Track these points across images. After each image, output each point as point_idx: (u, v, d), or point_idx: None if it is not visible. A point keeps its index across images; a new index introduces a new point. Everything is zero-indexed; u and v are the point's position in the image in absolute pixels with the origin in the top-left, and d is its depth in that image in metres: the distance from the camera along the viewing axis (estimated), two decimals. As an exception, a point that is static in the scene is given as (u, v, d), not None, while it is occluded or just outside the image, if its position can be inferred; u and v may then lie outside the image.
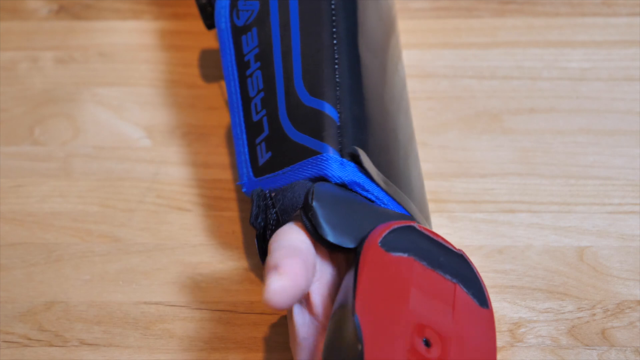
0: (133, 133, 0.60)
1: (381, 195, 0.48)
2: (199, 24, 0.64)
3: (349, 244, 0.45)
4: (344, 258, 0.47)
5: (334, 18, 0.53)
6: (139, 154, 0.59)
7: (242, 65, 0.54)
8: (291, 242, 0.45)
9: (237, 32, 0.55)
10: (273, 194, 0.48)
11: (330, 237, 0.45)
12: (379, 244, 0.44)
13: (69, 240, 0.56)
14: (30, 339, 0.52)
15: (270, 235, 0.48)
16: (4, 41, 0.65)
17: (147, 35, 0.65)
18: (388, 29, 0.58)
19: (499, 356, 0.50)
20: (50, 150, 0.60)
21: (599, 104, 0.60)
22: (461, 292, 0.45)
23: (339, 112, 0.50)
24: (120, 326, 0.52)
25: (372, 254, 0.44)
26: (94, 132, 0.61)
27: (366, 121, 0.51)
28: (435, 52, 0.63)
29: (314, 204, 0.46)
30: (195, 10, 0.64)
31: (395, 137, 0.53)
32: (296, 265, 0.43)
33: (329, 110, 0.50)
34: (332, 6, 0.53)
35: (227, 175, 0.58)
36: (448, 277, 0.46)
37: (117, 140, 0.60)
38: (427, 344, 0.43)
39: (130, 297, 0.53)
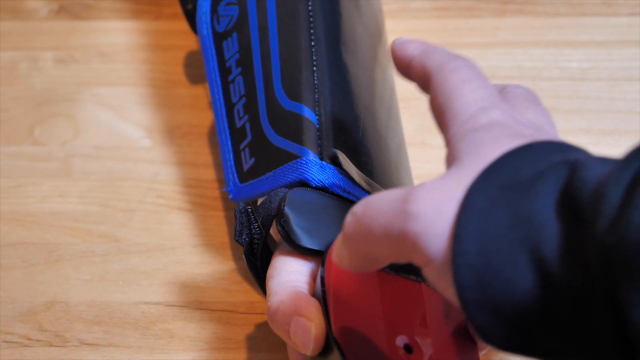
0: (133, 133, 0.60)
1: (363, 195, 0.48)
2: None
3: (322, 248, 0.46)
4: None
5: (311, 19, 0.53)
6: (139, 154, 0.59)
7: (224, 71, 0.54)
8: (288, 282, 0.45)
9: (219, 38, 0.55)
10: (251, 209, 0.48)
11: (303, 242, 0.45)
12: None
13: (69, 240, 0.56)
14: (30, 339, 0.52)
15: (259, 250, 0.48)
16: (4, 41, 0.65)
17: (147, 35, 0.65)
18: (374, 38, 0.57)
19: (497, 355, 0.50)
20: (50, 150, 0.60)
21: (599, 104, 0.60)
22: (427, 289, 0.45)
23: (317, 115, 0.50)
24: (120, 326, 0.52)
25: (335, 274, 0.43)
26: (94, 132, 0.61)
27: (350, 124, 0.51)
28: (436, 52, 0.63)
29: (287, 210, 0.46)
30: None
31: (386, 142, 0.53)
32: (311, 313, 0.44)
33: (307, 113, 0.50)
34: (309, 7, 0.53)
35: (227, 175, 0.58)
36: (412, 277, 0.45)
37: (117, 140, 0.60)
38: (409, 350, 0.43)
39: (130, 297, 0.53)
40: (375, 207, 0.37)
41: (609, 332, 0.30)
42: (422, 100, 0.61)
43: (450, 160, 0.38)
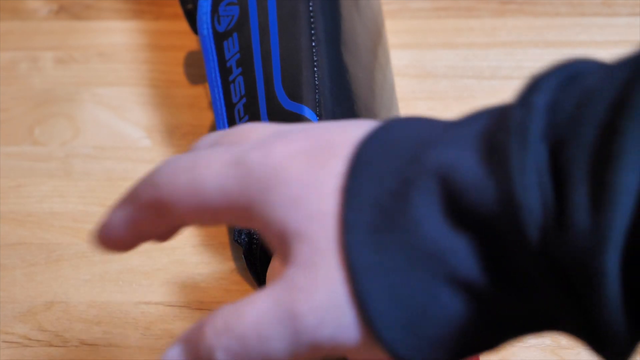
0: (133, 133, 0.60)
1: None
2: (199, 24, 0.64)
3: None
4: None
5: (312, 20, 0.53)
6: (139, 154, 0.59)
7: (224, 72, 0.54)
8: None
9: (219, 38, 0.55)
10: None
11: None
12: None
13: (69, 240, 0.56)
14: (30, 339, 0.52)
15: (258, 250, 0.48)
16: (4, 41, 0.65)
17: (147, 35, 0.65)
18: (374, 38, 0.57)
19: (498, 356, 0.50)
20: (50, 150, 0.60)
21: (599, 104, 0.60)
22: None
23: (318, 116, 0.50)
24: (120, 326, 0.52)
25: None
26: (94, 132, 0.61)
27: None
28: (435, 52, 0.63)
29: None
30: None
31: None
32: None
33: (308, 114, 0.50)
34: (310, 8, 0.53)
35: (227, 175, 0.58)
36: None
37: (117, 140, 0.60)
38: None
39: (130, 297, 0.53)
40: (257, 339, 0.30)
41: (573, 329, 0.28)
42: (422, 101, 0.61)
43: (282, 247, 0.31)
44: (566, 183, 0.26)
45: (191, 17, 0.58)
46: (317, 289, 0.30)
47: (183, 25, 0.63)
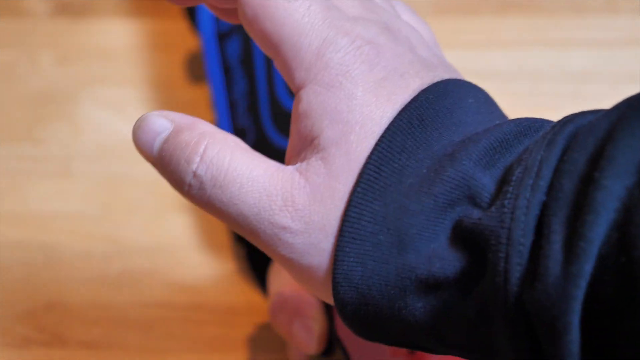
0: (133, 133, 0.60)
1: None
2: (199, 24, 0.64)
3: None
4: None
5: None
6: (139, 154, 0.59)
7: (226, 71, 0.54)
8: (290, 280, 0.45)
9: (220, 38, 0.55)
10: None
11: None
12: None
13: (69, 240, 0.56)
14: (29, 340, 0.52)
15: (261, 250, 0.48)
16: (3, 41, 0.65)
17: (147, 35, 0.65)
18: None
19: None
20: (50, 150, 0.60)
21: (601, 104, 0.60)
22: None
23: None
24: (120, 327, 0.52)
25: None
26: (94, 132, 0.61)
27: None
28: (436, 52, 0.63)
29: None
30: (195, 9, 0.64)
31: None
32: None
33: None
34: None
35: (227, 175, 0.58)
36: None
37: (117, 140, 0.60)
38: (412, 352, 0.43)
39: (131, 298, 0.53)
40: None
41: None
42: (422, 100, 0.61)
43: (306, 138, 0.30)
44: (544, 233, 0.26)
45: (192, 16, 0.58)
46: (324, 200, 0.29)
47: (183, 25, 0.63)
